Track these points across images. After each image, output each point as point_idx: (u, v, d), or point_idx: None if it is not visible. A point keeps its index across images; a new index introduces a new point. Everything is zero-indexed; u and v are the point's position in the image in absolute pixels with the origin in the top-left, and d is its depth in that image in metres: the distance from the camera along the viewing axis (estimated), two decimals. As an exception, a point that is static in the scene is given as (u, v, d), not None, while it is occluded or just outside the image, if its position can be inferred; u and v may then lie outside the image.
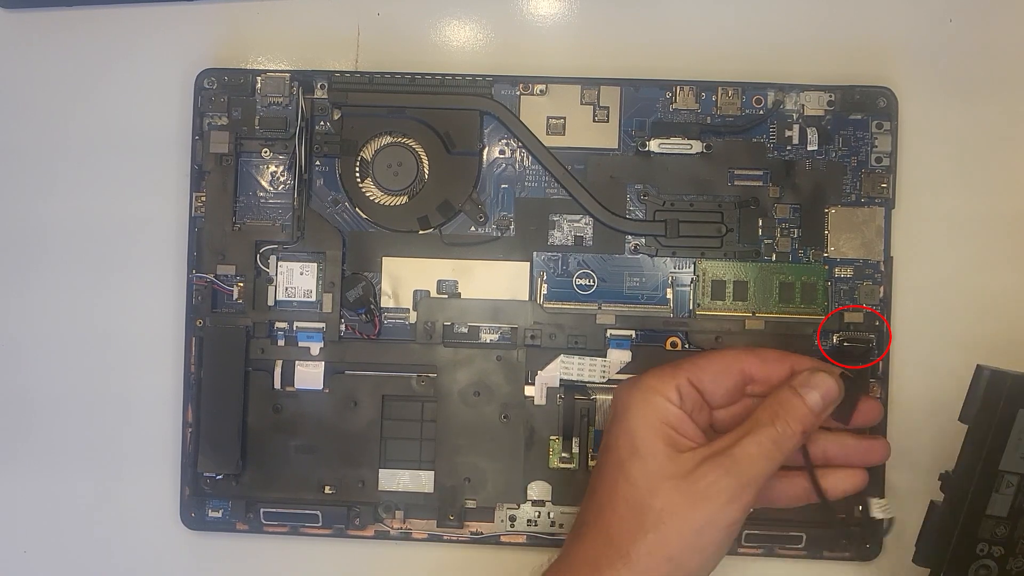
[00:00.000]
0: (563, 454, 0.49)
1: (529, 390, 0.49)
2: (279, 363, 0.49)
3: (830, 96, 0.49)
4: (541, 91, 0.49)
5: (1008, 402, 0.43)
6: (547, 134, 0.49)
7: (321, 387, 0.49)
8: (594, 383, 0.49)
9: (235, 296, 0.49)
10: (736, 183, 0.49)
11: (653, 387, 0.41)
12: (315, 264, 0.50)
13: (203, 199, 0.49)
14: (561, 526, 0.49)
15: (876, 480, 0.48)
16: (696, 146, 0.49)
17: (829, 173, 0.49)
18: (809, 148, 0.49)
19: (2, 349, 0.52)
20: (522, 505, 0.49)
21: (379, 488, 0.49)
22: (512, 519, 0.49)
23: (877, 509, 0.46)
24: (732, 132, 0.49)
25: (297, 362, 0.49)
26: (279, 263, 0.50)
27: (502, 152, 0.50)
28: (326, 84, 0.49)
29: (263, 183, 0.50)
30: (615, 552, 0.39)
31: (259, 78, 0.49)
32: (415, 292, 0.50)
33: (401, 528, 0.49)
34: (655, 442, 0.40)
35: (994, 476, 0.43)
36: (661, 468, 0.40)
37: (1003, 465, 0.43)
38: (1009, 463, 0.43)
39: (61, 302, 0.51)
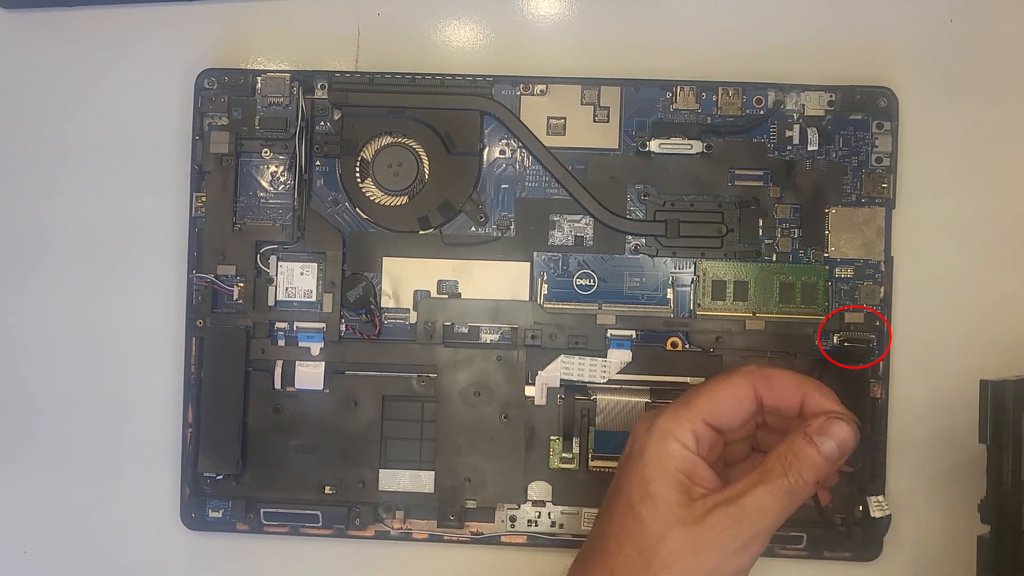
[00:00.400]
0: (563, 454, 0.49)
1: (529, 390, 0.49)
2: (279, 363, 0.49)
3: (830, 96, 0.49)
4: (541, 91, 0.49)
5: (1016, 409, 0.42)
6: (547, 134, 0.49)
7: (321, 387, 0.49)
8: (594, 383, 0.49)
9: (235, 296, 0.49)
10: (736, 183, 0.49)
11: (669, 432, 0.40)
12: (315, 264, 0.50)
13: (203, 199, 0.49)
14: (561, 526, 0.49)
15: (876, 479, 0.48)
16: (696, 146, 0.49)
17: (829, 173, 0.49)
18: (809, 148, 0.49)
19: (2, 349, 0.52)
20: (522, 505, 0.49)
21: (379, 488, 0.49)
22: (512, 519, 0.49)
23: (875, 508, 0.46)
24: (732, 132, 0.49)
25: (297, 362, 0.49)
26: (279, 263, 0.50)
27: (502, 152, 0.50)
28: (326, 84, 0.49)
29: (263, 183, 0.50)
30: None
31: (259, 78, 0.49)
32: (415, 292, 0.50)
33: (401, 528, 0.49)
34: (668, 488, 0.39)
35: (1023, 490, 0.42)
36: (672, 514, 0.39)
37: None
38: None
39: (61, 302, 0.51)
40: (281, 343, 0.49)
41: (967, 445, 0.49)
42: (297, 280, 0.50)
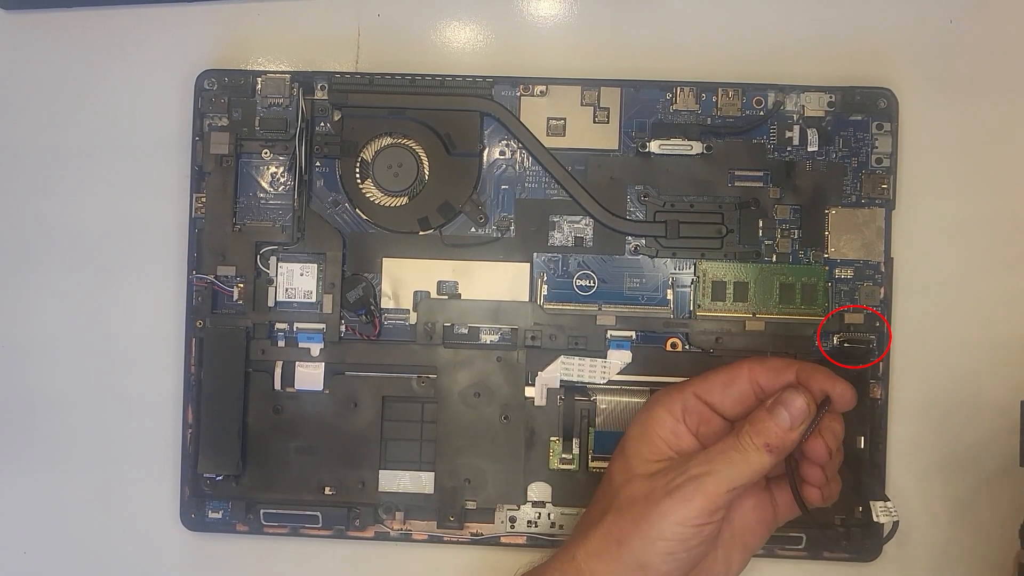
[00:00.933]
0: (563, 455, 0.49)
1: (529, 391, 0.49)
2: (279, 364, 0.49)
3: (830, 97, 0.49)
4: (541, 92, 0.49)
5: None
6: (547, 135, 0.49)
7: (321, 388, 0.49)
8: (594, 384, 0.49)
9: (235, 297, 0.49)
10: (736, 184, 0.49)
11: (658, 400, 0.43)
12: (315, 265, 0.50)
13: (203, 200, 0.49)
14: (561, 527, 0.49)
15: (877, 482, 0.48)
16: (696, 147, 0.49)
17: (829, 174, 0.49)
18: (809, 149, 0.49)
19: (4, 350, 0.52)
20: (522, 506, 0.49)
21: (379, 489, 0.49)
22: (512, 520, 0.49)
23: (882, 513, 0.45)
24: (732, 133, 0.49)
25: (297, 363, 0.49)
26: (279, 264, 0.50)
27: (502, 153, 0.50)
28: (326, 85, 0.49)
29: (263, 184, 0.50)
30: (581, 534, 0.42)
31: (259, 79, 0.49)
32: (415, 293, 0.50)
33: (401, 529, 0.49)
34: (640, 447, 0.42)
35: None
36: (637, 467, 0.42)
37: None
38: None
39: (62, 303, 0.51)
40: (281, 344, 0.49)
41: (966, 445, 0.49)
42: (297, 281, 0.50)
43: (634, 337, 0.49)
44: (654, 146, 0.49)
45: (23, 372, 0.52)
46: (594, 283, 0.49)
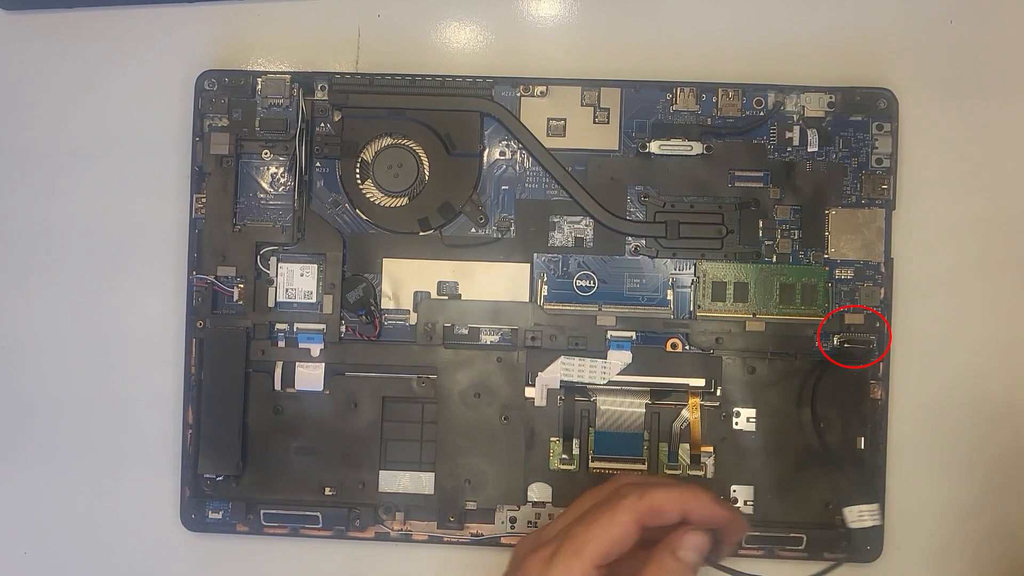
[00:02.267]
0: (563, 455, 0.49)
1: (529, 391, 0.49)
2: (279, 364, 0.49)
3: (830, 97, 0.49)
4: (541, 92, 0.49)
5: None
6: (547, 135, 0.49)
7: (321, 388, 0.49)
8: (594, 384, 0.49)
9: (235, 297, 0.49)
10: (736, 184, 0.49)
11: None
12: (315, 265, 0.50)
13: (203, 200, 0.49)
14: (561, 527, 0.49)
15: (872, 485, 0.48)
16: (696, 147, 0.49)
17: (829, 174, 0.49)
18: (810, 149, 0.49)
19: (3, 350, 0.52)
20: (522, 507, 0.49)
21: (379, 489, 0.49)
22: (512, 520, 0.49)
23: (857, 519, 0.46)
24: (733, 133, 0.49)
25: (297, 363, 0.49)
26: (279, 264, 0.50)
27: (502, 154, 0.50)
28: (326, 86, 0.49)
29: (263, 184, 0.50)
30: None
31: (259, 79, 0.49)
32: (415, 293, 0.50)
33: (401, 529, 0.49)
34: None
35: None
36: None
37: None
38: None
39: (62, 303, 0.52)
40: (281, 344, 0.49)
41: (966, 445, 0.49)
42: (297, 281, 0.50)
43: (634, 337, 0.49)
44: (654, 146, 0.49)
45: (24, 372, 0.52)
46: (594, 283, 0.49)
